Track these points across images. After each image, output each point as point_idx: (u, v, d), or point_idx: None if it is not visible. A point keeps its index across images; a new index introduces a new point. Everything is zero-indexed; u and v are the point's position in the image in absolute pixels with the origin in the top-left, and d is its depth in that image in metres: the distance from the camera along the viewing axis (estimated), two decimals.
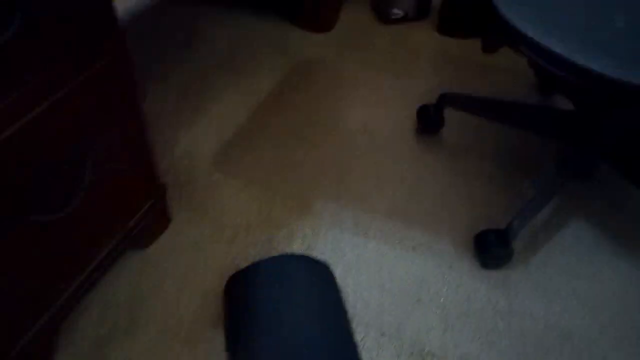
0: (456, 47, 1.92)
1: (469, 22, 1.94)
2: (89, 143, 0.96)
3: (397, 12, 1.95)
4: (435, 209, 1.35)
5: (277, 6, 2.04)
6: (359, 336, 1.08)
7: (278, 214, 1.33)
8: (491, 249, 1.22)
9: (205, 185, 1.40)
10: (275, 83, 1.73)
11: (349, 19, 2.04)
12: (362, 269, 1.22)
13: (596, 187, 1.42)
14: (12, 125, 0.79)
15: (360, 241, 1.28)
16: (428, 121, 1.58)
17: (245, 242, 1.26)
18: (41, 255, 0.93)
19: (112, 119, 1.00)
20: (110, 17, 0.92)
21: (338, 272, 1.20)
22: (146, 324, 1.09)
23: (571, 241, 1.29)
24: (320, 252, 1.24)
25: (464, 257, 1.25)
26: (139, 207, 1.17)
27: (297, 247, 1.24)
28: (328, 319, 1.01)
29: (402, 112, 1.63)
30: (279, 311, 0.99)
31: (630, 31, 1.03)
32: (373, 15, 2.08)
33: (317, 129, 1.58)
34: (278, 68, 1.80)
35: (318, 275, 1.09)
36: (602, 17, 1.07)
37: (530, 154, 1.51)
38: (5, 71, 0.76)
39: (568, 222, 1.33)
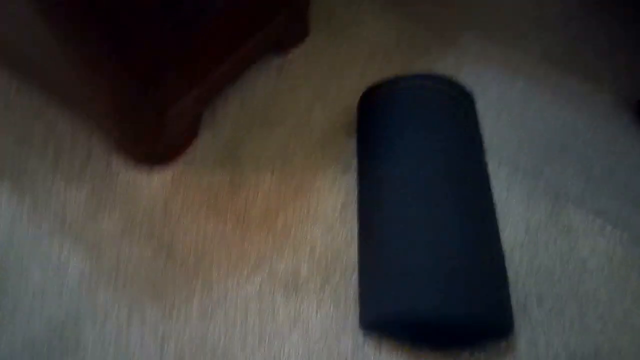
0: None
1: None
2: None
3: None
4: (599, 63, 1.20)
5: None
6: (490, 168, 1.03)
7: (419, 42, 1.25)
8: None
9: (347, 5, 1.33)
10: None
11: None
12: (505, 107, 1.13)
13: None
14: None
15: (507, 79, 1.17)
16: None
17: (381, 65, 1.21)
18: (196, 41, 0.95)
19: None
20: None
21: (478, 106, 1.12)
22: (281, 122, 1.11)
23: None
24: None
25: (623, 115, 1.12)
26: (279, 11, 1.14)
27: None
28: (461, 150, 0.96)
29: None
30: (410, 139, 0.95)
31: None
32: None
33: None
34: None
35: (459, 102, 1.02)
36: None
37: None
38: None
39: None
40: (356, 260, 0.93)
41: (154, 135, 0.98)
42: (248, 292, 0.91)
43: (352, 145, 1.07)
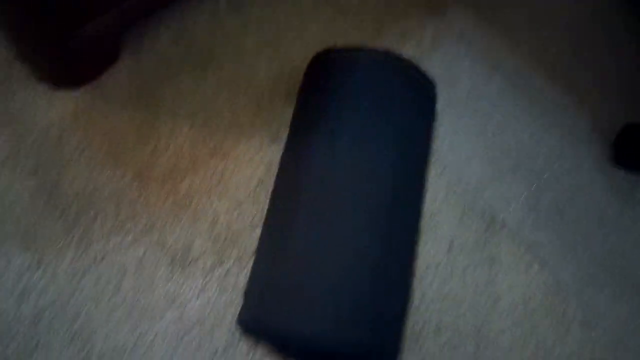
0: None
1: None
2: None
3: None
4: (589, 79, 1.06)
5: None
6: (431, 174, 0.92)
7: (400, 2, 1.07)
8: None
9: None
10: None
11: None
12: (471, 106, 0.99)
13: None
14: None
15: (484, 72, 1.02)
16: None
17: (349, 23, 1.04)
18: None
19: None
20: None
21: (443, 96, 0.98)
22: (217, 68, 0.96)
23: None
24: (430, 67, 1.01)
25: (596, 146, 0.99)
26: None
27: (406, 51, 1.01)
28: (403, 151, 0.83)
29: None
30: (350, 124, 0.81)
31: None
32: None
33: None
34: None
35: (418, 93, 0.88)
36: None
37: None
38: None
39: None
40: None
41: (56, 55, 0.83)
42: (128, 259, 0.81)
43: (288, 113, 0.93)
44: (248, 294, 0.78)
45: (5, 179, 0.83)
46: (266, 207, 0.85)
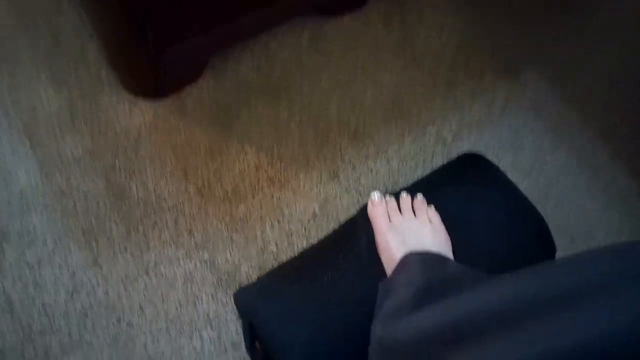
0: None
1: None
2: None
3: None
4: None
5: None
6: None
7: (477, 61, 1.03)
8: None
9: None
10: None
11: None
12: (531, 179, 0.94)
13: None
14: None
15: (550, 144, 0.97)
16: None
17: (422, 76, 1.01)
18: None
19: None
20: None
21: (503, 165, 0.93)
22: (290, 100, 0.93)
23: None
24: (498, 130, 0.96)
25: None
26: None
27: (475, 110, 0.97)
28: None
29: None
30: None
31: None
32: None
33: None
34: None
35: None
36: None
37: None
38: None
39: None
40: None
41: (145, 67, 0.83)
42: (179, 272, 0.80)
43: (350, 153, 0.91)
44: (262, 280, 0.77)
45: (78, 175, 0.84)
46: (315, 240, 0.83)
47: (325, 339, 0.69)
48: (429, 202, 0.76)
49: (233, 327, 0.77)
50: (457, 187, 0.80)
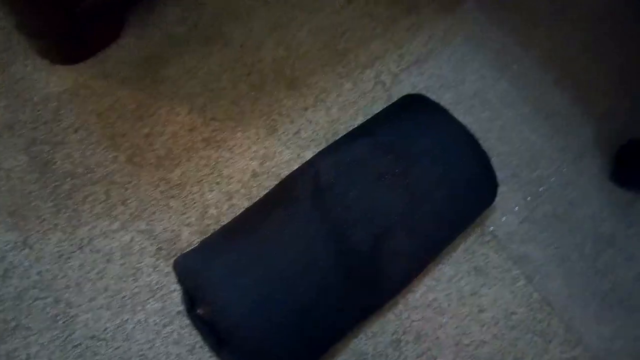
0: None
1: None
2: None
3: None
4: (601, 89, 0.96)
5: None
6: None
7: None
8: None
9: None
10: None
11: None
12: (473, 111, 0.90)
13: None
14: None
15: (493, 74, 0.92)
16: None
17: (360, 14, 0.93)
18: None
19: None
20: None
21: (445, 100, 0.88)
22: (223, 44, 0.86)
23: None
24: (439, 64, 0.91)
25: (597, 158, 0.91)
26: None
27: (415, 45, 0.91)
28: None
29: None
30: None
31: None
32: None
33: None
34: None
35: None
36: None
37: None
38: None
39: None
40: None
41: (56, 27, 0.74)
42: (115, 246, 0.75)
43: (289, 104, 0.85)
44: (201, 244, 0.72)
45: (2, 147, 0.77)
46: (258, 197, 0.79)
47: (268, 294, 0.66)
48: (370, 139, 0.72)
49: (177, 296, 0.74)
50: (398, 123, 0.76)
